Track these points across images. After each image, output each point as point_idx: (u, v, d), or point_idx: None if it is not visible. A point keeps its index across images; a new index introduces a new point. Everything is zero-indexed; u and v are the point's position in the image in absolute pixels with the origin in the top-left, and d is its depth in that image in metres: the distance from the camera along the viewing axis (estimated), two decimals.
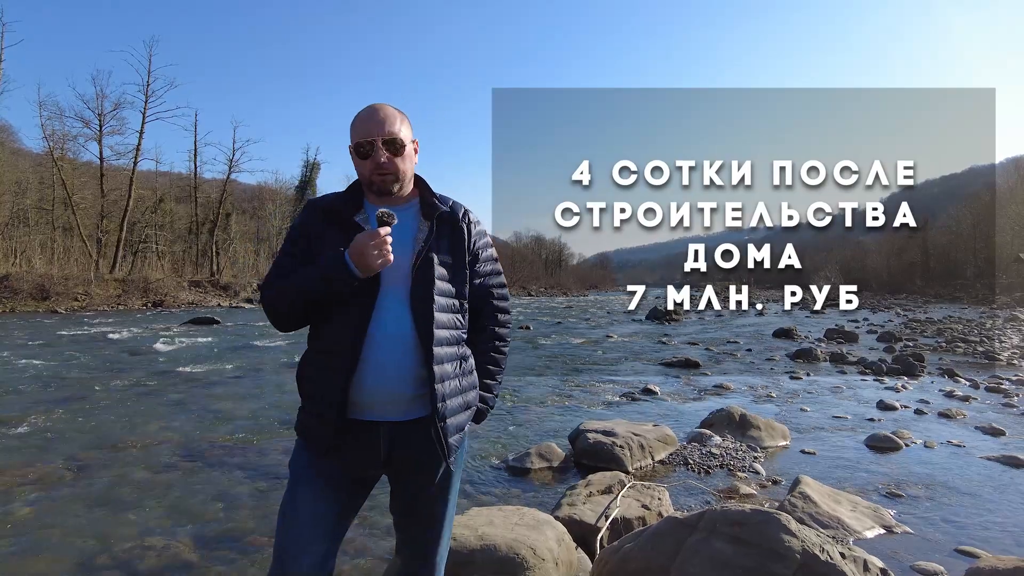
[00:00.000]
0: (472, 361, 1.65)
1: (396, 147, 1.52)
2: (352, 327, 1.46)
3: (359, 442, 1.49)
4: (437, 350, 1.50)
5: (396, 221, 1.45)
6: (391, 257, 1.44)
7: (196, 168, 41.43)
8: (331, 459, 1.51)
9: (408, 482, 1.60)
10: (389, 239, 1.44)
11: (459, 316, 1.60)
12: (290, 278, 1.51)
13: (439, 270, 1.53)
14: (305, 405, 1.56)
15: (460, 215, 1.62)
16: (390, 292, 1.49)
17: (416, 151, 1.62)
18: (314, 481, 1.53)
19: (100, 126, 34.48)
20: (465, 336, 1.64)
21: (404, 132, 1.54)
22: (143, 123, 35.76)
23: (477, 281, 1.66)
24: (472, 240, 1.63)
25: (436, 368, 1.49)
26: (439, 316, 1.51)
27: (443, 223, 1.59)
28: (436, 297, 1.51)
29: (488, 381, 1.71)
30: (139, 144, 35.55)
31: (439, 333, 1.51)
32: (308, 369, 1.55)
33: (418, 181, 1.65)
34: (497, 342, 1.73)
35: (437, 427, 1.50)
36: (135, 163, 35.67)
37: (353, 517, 1.62)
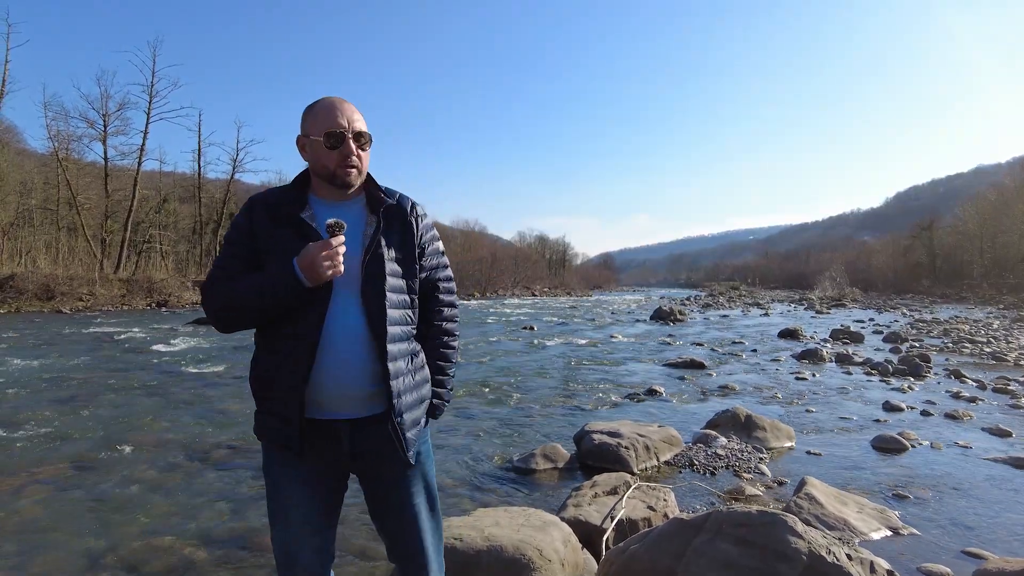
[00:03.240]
0: (423, 356, 1.66)
1: (364, 140, 1.54)
2: (307, 327, 1.45)
3: (322, 441, 1.50)
4: (391, 347, 1.49)
5: (346, 228, 1.44)
6: (342, 268, 1.43)
7: (200, 168, 41.55)
8: (302, 459, 1.52)
9: (377, 478, 1.60)
10: (342, 249, 1.43)
11: (410, 312, 1.60)
12: (235, 284, 1.48)
13: (389, 266, 1.53)
14: (263, 407, 1.54)
15: (408, 208, 1.62)
16: (342, 291, 1.48)
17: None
18: (294, 484, 1.54)
19: (104, 126, 34.59)
20: (415, 331, 1.64)
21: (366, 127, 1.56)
22: (147, 123, 35.90)
23: (424, 275, 1.66)
24: (420, 233, 1.63)
25: (390, 365, 1.49)
26: (391, 312, 1.51)
27: (391, 217, 1.58)
28: (388, 293, 1.51)
29: (440, 376, 1.70)
30: (143, 144, 35.68)
31: (392, 330, 1.51)
32: (266, 371, 1.52)
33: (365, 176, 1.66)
34: (446, 337, 1.72)
35: (394, 423, 1.50)
36: (139, 163, 35.79)
37: (339, 509, 1.64)
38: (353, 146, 1.50)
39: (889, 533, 3.38)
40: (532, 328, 18.46)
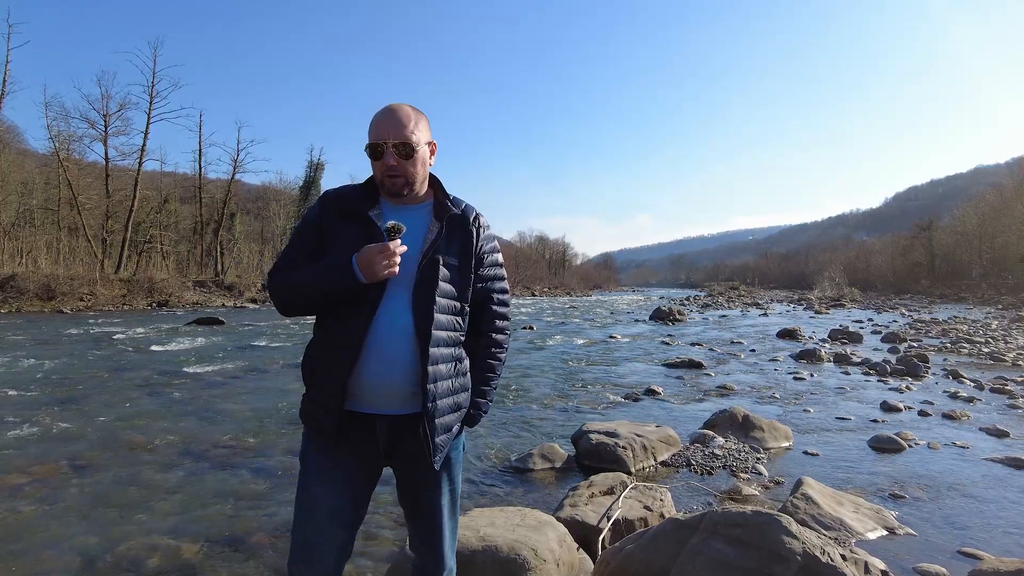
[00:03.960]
0: (467, 364, 1.68)
1: (406, 151, 1.53)
2: (357, 320, 1.51)
3: (360, 435, 1.55)
4: (433, 350, 1.53)
5: (405, 231, 1.49)
6: (398, 269, 1.48)
7: (201, 168, 41.49)
8: (337, 451, 1.56)
9: (408, 475, 1.64)
10: (402, 248, 1.48)
11: (459, 319, 1.63)
12: (298, 272, 1.56)
13: (443, 271, 1.57)
14: (309, 393, 1.61)
15: (471, 218, 1.65)
16: (395, 290, 1.53)
17: (433, 153, 1.65)
18: (326, 475, 1.58)
19: (105, 127, 34.55)
20: (463, 338, 1.67)
21: (417, 135, 1.55)
22: (148, 124, 35.83)
23: (480, 285, 1.69)
24: (479, 244, 1.66)
25: (430, 368, 1.52)
26: (439, 317, 1.54)
27: (453, 225, 1.62)
28: (438, 298, 1.54)
29: (483, 387, 1.73)
30: (144, 145, 35.61)
31: (437, 333, 1.54)
32: (314, 359, 1.60)
33: (433, 182, 1.68)
34: (494, 348, 1.75)
35: (425, 426, 1.54)
36: (140, 163, 35.73)
37: (366, 506, 1.67)
38: (392, 158, 1.52)
39: (885, 533, 3.39)
40: (532, 328, 18.46)
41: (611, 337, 15.76)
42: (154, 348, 12.04)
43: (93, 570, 2.93)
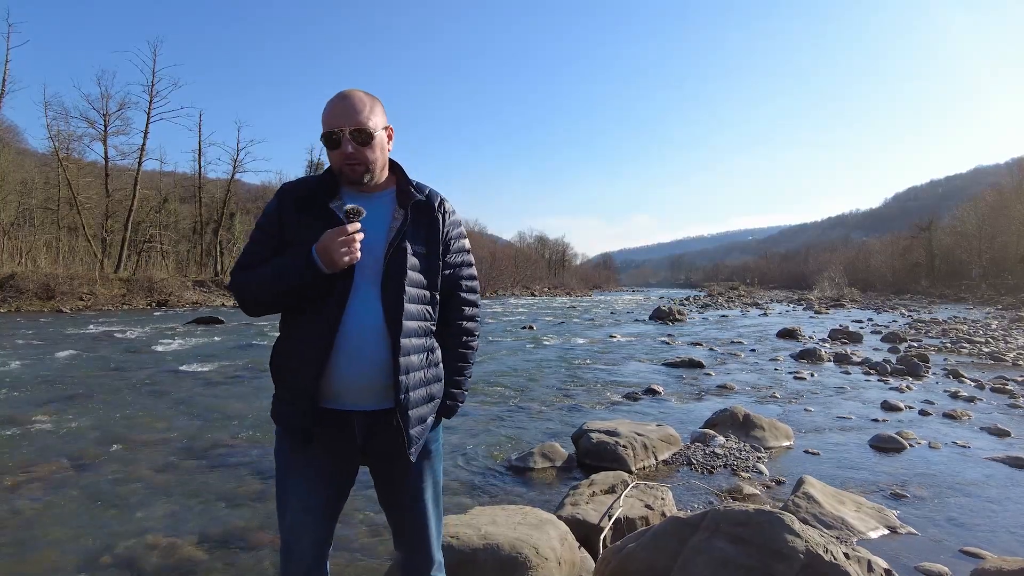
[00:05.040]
0: (439, 354, 1.66)
1: (364, 137, 1.48)
2: (325, 317, 1.46)
3: (334, 432, 1.52)
4: (404, 341, 1.49)
5: (364, 214, 1.44)
6: (358, 255, 1.43)
7: (200, 168, 41.51)
8: (310, 449, 1.53)
9: (386, 471, 1.61)
10: (360, 235, 1.43)
11: (429, 308, 1.60)
12: (259, 269, 1.51)
13: (411, 260, 1.53)
14: (279, 392, 1.57)
15: (436, 204, 1.61)
16: (362, 282, 1.49)
17: (390, 138, 1.60)
18: (299, 472, 1.55)
19: (105, 126, 34.56)
20: (434, 328, 1.64)
21: (374, 120, 1.50)
22: (147, 123, 35.87)
23: (447, 272, 1.65)
24: (446, 230, 1.62)
25: (402, 360, 1.49)
26: (409, 307, 1.51)
27: (418, 212, 1.57)
28: (407, 288, 1.51)
29: (457, 377, 1.71)
30: (144, 144, 35.64)
31: (407, 324, 1.50)
32: (281, 357, 1.56)
33: (395, 168, 1.63)
34: (465, 336, 1.72)
35: (398, 418, 1.50)
36: (140, 163, 35.76)
37: (343, 501, 1.65)
38: (350, 146, 1.47)
39: (887, 532, 3.38)
40: (531, 328, 18.45)
41: (611, 337, 15.75)
42: (154, 348, 12.03)
43: (93, 569, 2.92)
